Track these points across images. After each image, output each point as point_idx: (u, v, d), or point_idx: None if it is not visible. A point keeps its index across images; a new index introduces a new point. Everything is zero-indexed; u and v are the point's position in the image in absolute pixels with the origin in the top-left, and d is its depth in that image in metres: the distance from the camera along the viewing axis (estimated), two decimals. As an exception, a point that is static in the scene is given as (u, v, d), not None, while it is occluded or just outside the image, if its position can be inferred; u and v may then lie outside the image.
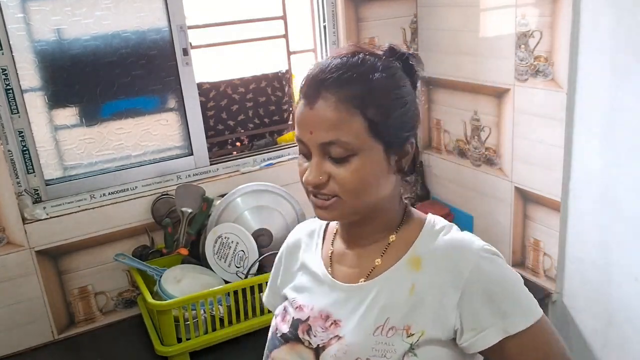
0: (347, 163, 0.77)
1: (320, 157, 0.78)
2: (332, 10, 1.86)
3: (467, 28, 1.76)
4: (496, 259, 0.79)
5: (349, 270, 0.87)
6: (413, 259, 0.82)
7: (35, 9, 1.51)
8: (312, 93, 0.77)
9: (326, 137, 0.76)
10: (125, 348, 1.56)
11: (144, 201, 1.66)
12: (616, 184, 1.40)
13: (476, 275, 0.77)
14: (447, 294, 0.77)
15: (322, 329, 0.85)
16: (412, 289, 0.79)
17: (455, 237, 0.82)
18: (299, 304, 0.91)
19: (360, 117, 0.76)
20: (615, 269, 1.43)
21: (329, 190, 0.79)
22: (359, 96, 0.76)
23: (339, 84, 0.77)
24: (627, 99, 1.33)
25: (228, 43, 1.91)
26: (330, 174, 0.78)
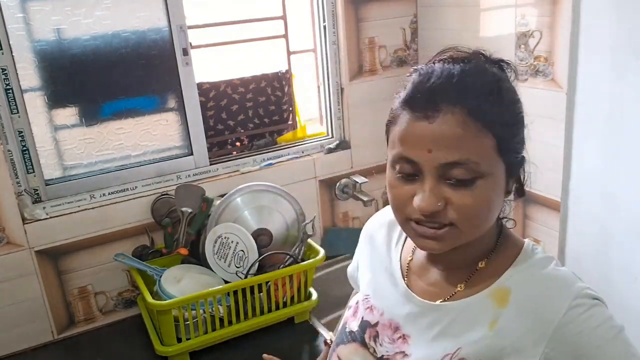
0: (470, 187, 0.67)
1: (436, 180, 0.67)
2: (332, 10, 1.86)
3: (467, 28, 1.76)
4: (595, 307, 0.68)
5: (426, 287, 0.80)
6: (500, 291, 0.72)
7: (35, 8, 1.51)
8: (431, 105, 0.66)
9: (451, 157, 0.65)
10: (125, 348, 1.56)
11: (143, 201, 1.66)
12: (616, 183, 1.40)
13: (569, 324, 0.66)
14: (530, 340, 0.68)
15: (389, 340, 0.80)
16: (492, 324, 0.71)
17: (551, 274, 0.72)
18: (370, 304, 0.86)
19: (489, 134, 0.66)
20: (615, 268, 1.43)
21: (444, 218, 0.68)
22: (489, 111, 0.66)
23: (466, 96, 0.66)
24: (627, 99, 1.33)
25: (228, 43, 1.91)
26: (447, 199, 0.67)
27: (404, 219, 0.72)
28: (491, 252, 0.76)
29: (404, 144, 0.69)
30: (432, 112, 0.66)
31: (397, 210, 0.73)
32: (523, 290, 0.71)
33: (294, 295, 1.57)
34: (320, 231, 1.97)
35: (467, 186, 0.67)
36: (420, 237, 0.71)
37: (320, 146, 1.96)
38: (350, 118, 1.95)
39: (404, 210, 0.71)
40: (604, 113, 1.39)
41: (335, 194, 1.96)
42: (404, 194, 0.70)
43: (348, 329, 0.87)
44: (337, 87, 1.94)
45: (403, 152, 0.69)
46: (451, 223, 0.68)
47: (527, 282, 0.72)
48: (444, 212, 0.68)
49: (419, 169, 0.68)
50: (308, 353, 1.49)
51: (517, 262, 0.74)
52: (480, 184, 0.67)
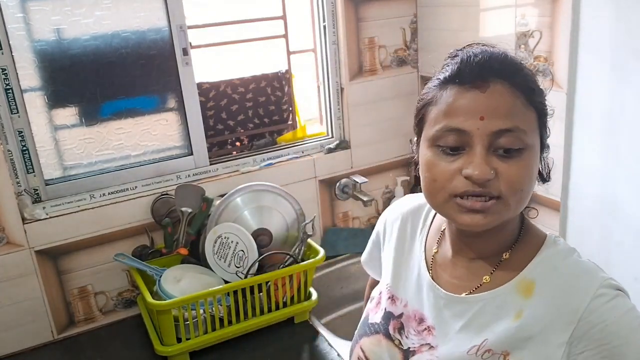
0: (517, 158, 0.68)
1: (487, 149, 0.67)
2: (332, 10, 1.86)
3: (467, 28, 1.76)
4: (618, 297, 0.70)
5: (451, 280, 0.80)
6: (525, 282, 0.73)
7: (35, 8, 1.51)
8: (480, 77, 0.68)
9: (504, 124, 0.67)
10: (125, 348, 1.56)
11: (143, 201, 1.66)
12: (616, 184, 1.40)
13: (593, 313, 0.68)
14: (556, 329, 0.69)
15: (414, 332, 0.80)
16: (518, 314, 0.72)
17: (575, 265, 0.73)
18: (392, 293, 0.86)
19: (532, 107, 0.69)
20: (615, 269, 1.43)
21: (493, 189, 0.67)
22: (530, 86, 0.70)
23: (511, 71, 0.69)
24: (627, 99, 1.33)
25: (228, 43, 1.91)
26: (497, 170, 0.67)
27: (447, 197, 0.70)
28: (515, 242, 0.77)
29: (452, 115, 0.69)
30: (482, 83, 0.68)
31: (440, 189, 0.71)
32: (547, 281, 0.72)
33: (294, 295, 1.57)
34: (320, 231, 1.97)
35: (515, 157, 0.68)
36: (467, 211, 0.69)
37: (320, 146, 1.96)
38: (350, 118, 1.95)
39: (448, 186, 0.70)
40: (604, 113, 1.39)
41: (335, 194, 1.96)
42: (449, 169, 0.69)
43: (371, 321, 0.87)
44: (337, 87, 1.94)
45: (451, 124, 0.69)
46: (499, 196, 0.68)
47: (551, 273, 0.73)
48: (493, 183, 0.67)
49: (467, 140, 0.68)
50: (308, 353, 1.49)
51: (540, 253, 0.75)
52: (526, 155, 0.68)
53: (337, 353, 1.46)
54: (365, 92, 1.94)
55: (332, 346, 1.49)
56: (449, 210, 0.72)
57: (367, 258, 1.04)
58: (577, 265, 0.73)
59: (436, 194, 0.72)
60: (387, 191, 2.08)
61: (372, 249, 1.02)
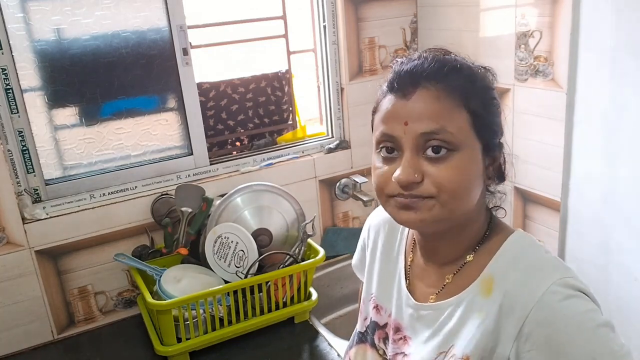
0: (446, 160, 0.69)
1: (414, 153, 0.70)
2: (332, 10, 1.86)
3: (467, 28, 1.76)
4: (572, 298, 0.67)
5: (424, 288, 0.82)
6: (485, 280, 0.73)
7: (35, 8, 1.51)
8: (408, 85, 0.71)
9: (427, 127, 0.69)
10: (125, 348, 1.56)
11: (143, 201, 1.66)
12: (616, 184, 1.40)
13: (540, 311, 0.67)
14: (506, 323, 0.69)
15: (392, 341, 0.82)
16: (479, 316, 0.72)
17: (534, 261, 0.72)
18: (376, 303, 0.87)
19: (464, 109, 0.70)
20: (615, 269, 1.43)
21: (423, 190, 0.70)
22: (463, 88, 0.71)
23: (441, 74, 0.71)
24: (627, 99, 1.33)
25: (228, 43, 1.91)
26: (425, 172, 0.70)
27: (386, 198, 0.74)
28: (478, 245, 0.78)
29: (385, 122, 0.73)
30: (409, 91, 0.71)
31: (380, 190, 0.75)
32: (505, 277, 0.72)
33: (294, 295, 1.57)
34: (320, 231, 1.97)
35: (444, 159, 0.70)
36: (400, 209, 0.72)
37: (320, 146, 1.96)
38: (350, 118, 1.95)
39: (385, 188, 0.73)
40: (604, 113, 1.39)
41: (335, 194, 1.96)
42: (385, 173, 0.73)
43: (359, 329, 0.89)
44: (337, 87, 1.94)
45: (384, 130, 0.73)
46: (430, 196, 0.70)
47: (509, 269, 0.72)
48: (422, 186, 0.70)
49: (399, 145, 0.72)
50: (308, 353, 1.49)
51: (502, 250, 0.75)
52: (457, 157, 0.70)
53: (337, 353, 1.46)
54: (365, 92, 1.94)
55: (332, 346, 1.49)
56: (389, 209, 0.75)
57: (358, 263, 1.04)
58: (537, 261, 0.72)
59: (379, 196, 0.76)
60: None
61: (361, 255, 1.02)
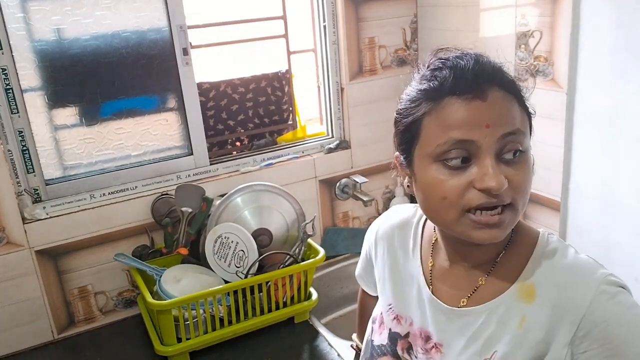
0: (521, 161, 0.68)
1: (493, 157, 0.67)
2: (332, 10, 1.86)
3: (467, 28, 1.76)
4: (619, 295, 0.68)
5: (451, 291, 0.79)
6: (526, 287, 0.72)
7: (35, 8, 1.51)
8: (477, 87, 0.68)
9: (508, 128, 0.67)
10: (125, 348, 1.56)
11: (144, 201, 1.66)
12: (616, 183, 1.40)
13: (595, 312, 0.67)
14: (559, 330, 0.69)
15: (422, 351, 0.80)
16: (521, 322, 0.71)
17: (573, 263, 0.73)
18: (396, 314, 0.85)
19: (524, 110, 0.71)
20: (615, 269, 1.43)
21: (506, 196, 0.67)
22: (520, 91, 0.71)
23: (503, 77, 0.70)
24: (627, 99, 1.33)
25: (228, 43, 1.91)
26: (507, 177, 0.67)
27: (459, 213, 0.69)
28: (507, 243, 0.76)
29: (457, 128, 0.67)
30: (480, 93, 0.67)
31: (451, 206, 0.69)
32: (547, 283, 0.71)
33: (294, 295, 1.57)
34: (320, 231, 1.97)
35: (519, 161, 0.68)
36: (483, 227, 0.68)
37: (320, 146, 1.96)
38: (350, 118, 1.95)
39: (460, 201, 0.68)
40: (604, 113, 1.39)
41: (335, 194, 1.96)
42: (459, 184, 0.68)
43: (377, 343, 0.86)
44: (337, 87, 1.94)
45: (458, 136, 0.67)
46: (510, 203, 0.68)
47: (550, 275, 0.72)
48: (505, 191, 0.67)
49: (475, 151, 0.67)
50: (308, 353, 1.49)
51: (536, 254, 0.74)
52: (527, 157, 0.70)
53: (337, 353, 1.46)
54: (366, 92, 1.94)
55: (332, 346, 1.49)
56: (462, 227, 0.70)
57: (362, 273, 1.02)
58: (575, 263, 0.73)
59: (447, 212, 0.70)
60: (387, 191, 2.08)
61: (365, 265, 0.99)
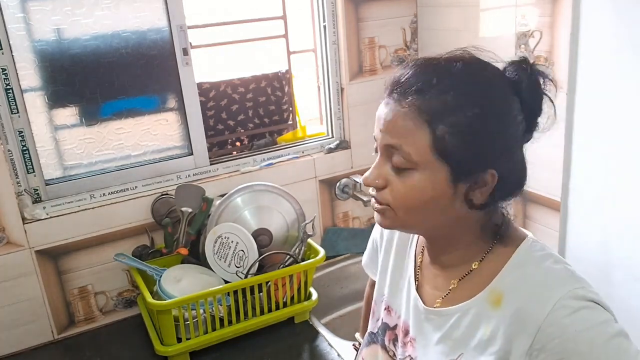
0: (405, 175, 0.72)
1: (384, 159, 0.74)
2: (332, 10, 1.86)
3: (467, 28, 1.76)
4: (582, 310, 0.65)
5: (431, 291, 0.82)
6: (495, 293, 0.72)
7: (35, 8, 1.51)
8: (389, 93, 0.73)
9: (390, 140, 0.72)
10: (125, 348, 1.56)
11: (144, 201, 1.66)
12: (616, 184, 1.40)
13: (551, 325, 0.65)
14: (517, 339, 0.68)
15: (401, 344, 0.83)
16: (487, 328, 0.72)
17: (542, 274, 0.71)
18: (387, 305, 0.88)
19: (427, 131, 0.68)
20: (615, 269, 1.43)
21: (382, 197, 0.74)
22: (432, 109, 0.68)
23: (415, 90, 0.70)
24: (627, 99, 1.33)
25: (228, 43, 1.91)
26: (388, 180, 0.73)
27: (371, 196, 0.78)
28: (486, 253, 0.76)
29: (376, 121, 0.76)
30: (389, 99, 0.73)
31: None
32: (515, 291, 0.71)
33: (294, 295, 1.57)
34: (320, 231, 1.97)
35: (405, 174, 0.72)
36: (374, 210, 0.78)
37: (320, 146, 1.96)
38: (350, 118, 1.95)
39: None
40: (604, 113, 1.39)
41: (335, 194, 1.96)
42: None
43: (370, 329, 0.90)
44: (337, 87, 1.94)
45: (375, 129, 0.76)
46: (387, 203, 0.74)
47: (519, 283, 0.71)
48: (382, 192, 0.74)
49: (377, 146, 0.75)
50: (308, 353, 1.49)
51: (511, 262, 0.73)
52: (415, 175, 0.71)
53: (337, 353, 1.46)
54: (366, 92, 1.94)
55: (332, 346, 1.49)
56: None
57: (368, 261, 1.04)
58: (545, 274, 0.71)
59: None
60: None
61: (372, 254, 1.02)
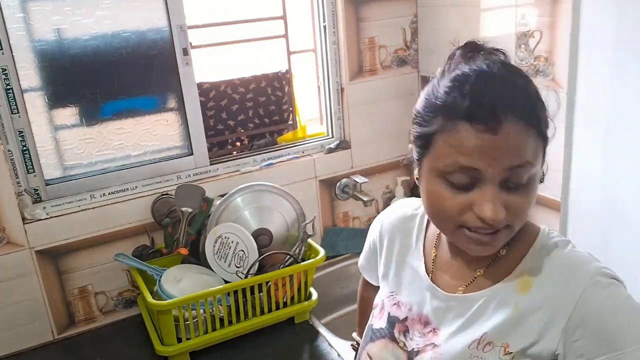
0: (525, 189, 0.70)
1: (498, 188, 0.69)
2: (332, 10, 1.86)
3: (467, 28, 1.76)
4: (612, 286, 0.71)
5: (451, 281, 0.83)
6: (522, 278, 0.76)
7: (35, 8, 1.51)
8: (494, 118, 0.66)
9: (516, 161, 0.67)
10: (125, 348, 1.56)
11: (144, 201, 1.66)
12: (616, 184, 1.40)
13: (587, 302, 0.70)
14: (553, 318, 0.72)
15: (419, 334, 0.84)
16: (515, 308, 0.75)
17: (569, 256, 0.75)
18: (397, 300, 0.89)
19: (541, 137, 0.70)
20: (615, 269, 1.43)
21: (508, 220, 0.71)
22: (541, 117, 0.70)
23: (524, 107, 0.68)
24: (627, 99, 1.33)
25: (228, 43, 1.91)
26: (506, 203, 0.70)
27: (455, 227, 0.73)
28: (511, 240, 0.78)
29: (464, 154, 0.68)
30: (494, 124, 0.66)
31: (449, 219, 0.73)
32: (543, 276, 0.75)
33: (294, 295, 1.57)
34: (320, 231, 1.97)
35: (523, 189, 0.70)
36: (474, 244, 0.73)
37: (320, 146, 1.96)
38: (350, 118, 1.95)
39: (457, 219, 0.72)
40: (604, 113, 1.39)
41: (335, 194, 1.96)
42: (459, 203, 0.71)
43: (375, 327, 0.90)
44: (337, 87, 1.94)
45: (463, 162, 0.68)
46: (507, 225, 0.71)
47: (546, 267, 0.75)
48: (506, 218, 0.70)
49: (479, 177, 0.69)
50: (308, 353, 1.49)
51: (535, 248, 0.77)
52: (532, 183, 0.71)
53: (337, 353, 1.46)
54: (366, 92, 1.95)
55: (332, 346, 1.49)
56: (456, 238, 0.75)
57: (365, 263, 1.06)
58: (571, 256, 0.76)
59: (444, 222, 0.75)
60: (387, 191, 2.08)
61: (369, 256, 1.03)
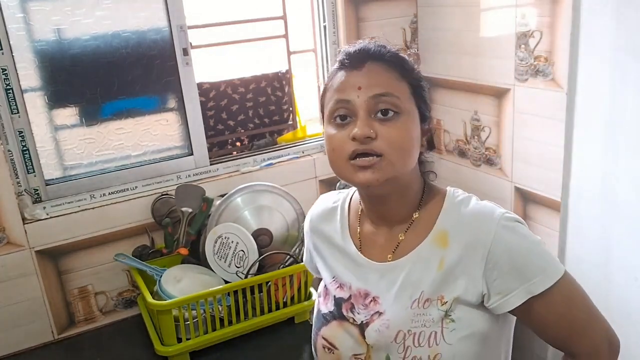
0: (394, 121, 0.82)
1: (367, 115, 0.82)
2: (332, 10, 1.86)
3: (467, 28, 1.76)
4: (516, 226, 0.85)
5: (379, 250, 0.92)
6: (439, 234, 0.87)
7: (35, 9, 1.51)
8: (359, 61, 0.84)
9: (377, 90, 0.82)
10: (125, 348, 1.56)
11: (144, 201, 1.66)
12: (616, 184, 1.40)
13: (498, 244, 0.82)
14: (473, 265, 0.83)
15: (363, 307, 0.91)
16: (441, 264, 0.85)
17: (475, 208, 0.87)
18: (339, 283, 0.96)
19: (404, 80, 0.85)
20: (615, 269, 1.43)
21: (376, 147, 0.81)
22: (401, 65, 0.86)
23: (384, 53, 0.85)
24: (627, 99, 1.33)
25: (228, 43, 1.91)
26: (377, 132, 0.81)
27: (344, 161, 0.83)
28: (420, 203, 0.91)
29: (339, 90, 0.84)
30: (359, 64, 0.84)
31: (337, 154, 0.84)
32: (457, 228, 0.86)
33: (294, 295, 1.57)
34: (321, 231, 1.96)
35: (392, 120, 0.82)
36: (359, 170, 0.82)
37: (320, 146, 1.96)
38: (350, 118, 1.94)
39: (343, 150, 0.83)
40: (604, 113, 1.39)
41: (335, 194, 1.96)
42: (341, 137, 0.83)
43: (324, 312, 0.96)
44: (337, 87, 1.94)
45: (339, 96, 0.84)
46: (381, 154, 0.81)
47: (458, 221, 0.87)
48: (375, 143, 0.81)
49: (352, 109, 0.83)
50: (308, 353, 1.49)
51: (445, 206, 0.89)
52: (402, 119, 0.83)
53: (337, 353, 1.46)
54: (366, 92, 1.94)
55: (332, 346, 1.48)
56: (347, 172, 0.84)
57: (308, 261, 1.12)
58: (477, 208, 0.87)
59: (336, 160, 0.85)
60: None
61: (309, 256, 1.10)
